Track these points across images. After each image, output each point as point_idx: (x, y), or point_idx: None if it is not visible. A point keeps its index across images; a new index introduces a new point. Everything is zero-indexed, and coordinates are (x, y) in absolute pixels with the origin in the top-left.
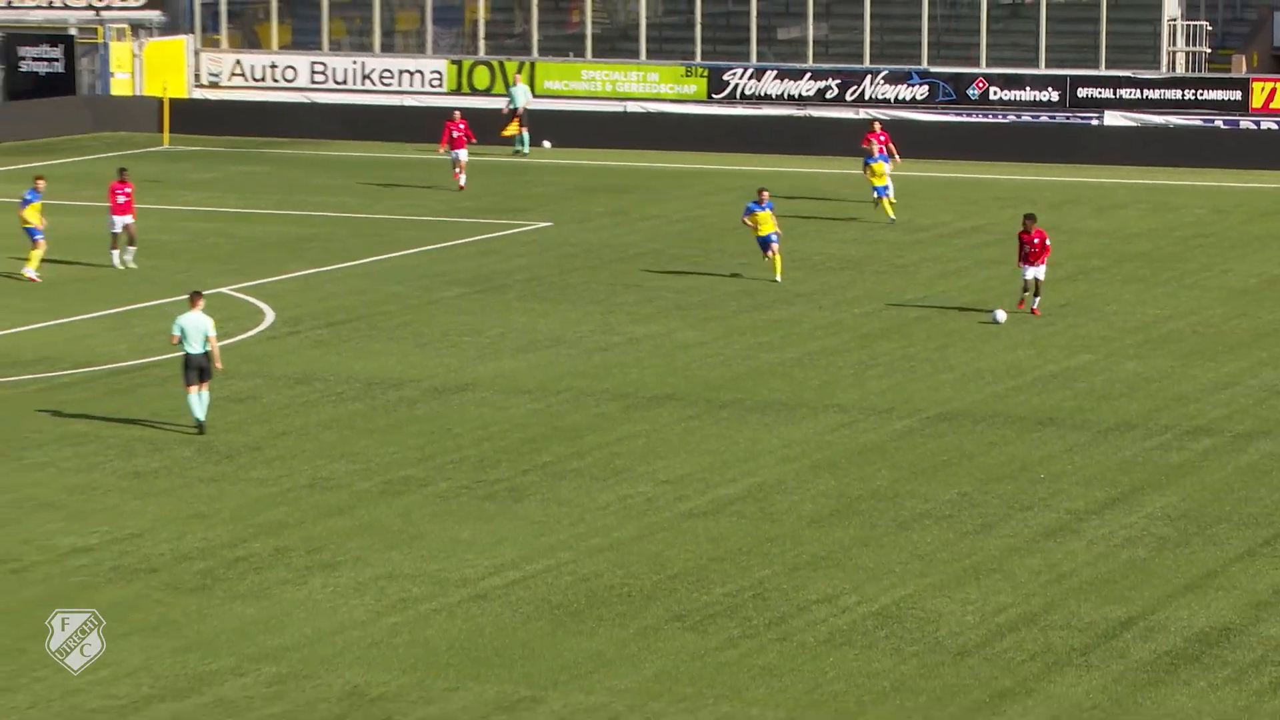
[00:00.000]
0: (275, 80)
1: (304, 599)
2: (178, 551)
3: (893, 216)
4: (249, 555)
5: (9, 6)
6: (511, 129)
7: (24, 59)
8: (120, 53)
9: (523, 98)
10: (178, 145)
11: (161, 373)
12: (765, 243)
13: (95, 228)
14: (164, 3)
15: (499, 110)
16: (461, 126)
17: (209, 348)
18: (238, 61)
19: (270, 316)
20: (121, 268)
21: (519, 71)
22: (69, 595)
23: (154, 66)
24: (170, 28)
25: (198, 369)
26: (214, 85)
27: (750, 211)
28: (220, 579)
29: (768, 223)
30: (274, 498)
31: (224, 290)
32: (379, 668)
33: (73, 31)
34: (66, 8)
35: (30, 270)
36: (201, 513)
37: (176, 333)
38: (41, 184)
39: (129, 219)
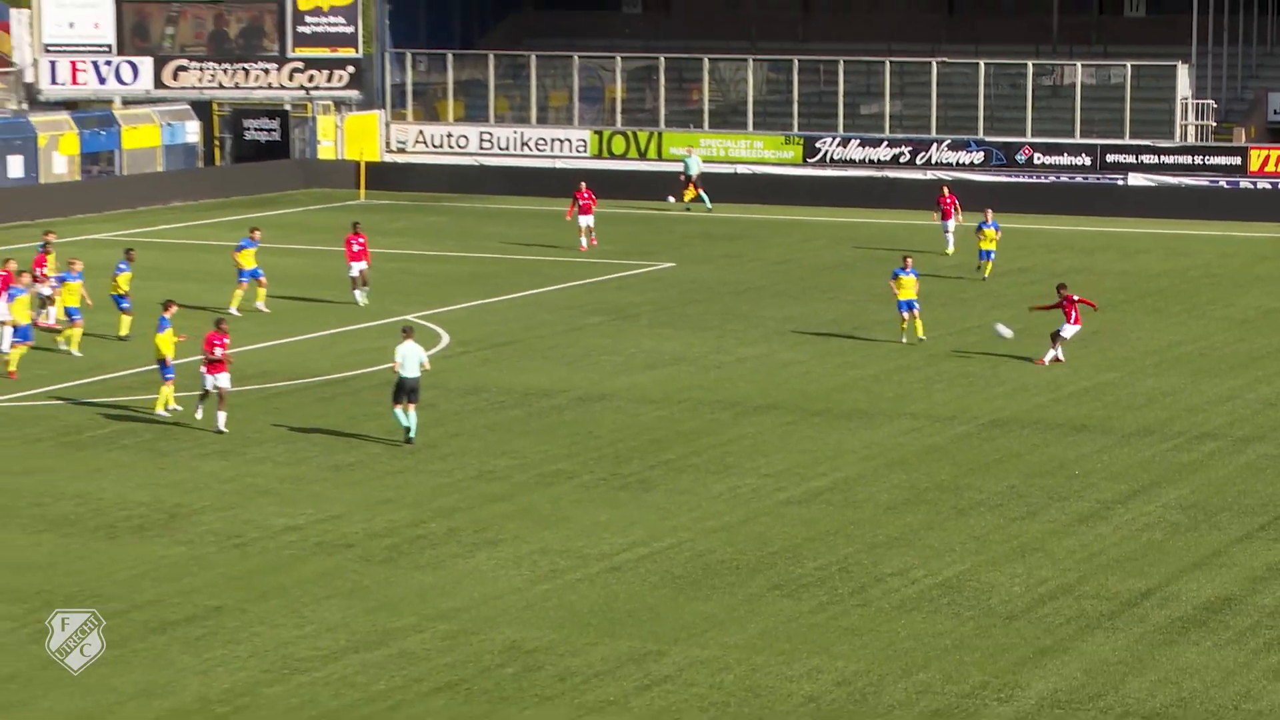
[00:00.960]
0: (451, 147)
1: (472, 569)
2: (369, 530)
3: (985, 276)
4: (427, 534)
5: (237, 87)
6: (689, 194)
7: (248, 129)
8: (325, 124)
9: (695, 165)
10: (372, 200)
11: (357, 385)
12: (907, 306)
13: (308, 267)
14: (361, 84)
15: (638, 172)
16: (587, 194)
17: (420, 372)
18: (420, 132)
19: (446, 339)
20: (362, 304)
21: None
22: (282, 566)
23: (353, 135)
24: (366, 104)
25: (409, 390)
26: (401, 151)
27: (896, 276)
28: (404, 553)
29: (909, 288)
30: (448, 487)
31: (408, 317)
32: (532, 626)
33: (287, 107)
34: (283, 88)
35: (238, 303)
36: (389, 499)
37: (398, 359)
38: (257, 234)
39: (364, 264)
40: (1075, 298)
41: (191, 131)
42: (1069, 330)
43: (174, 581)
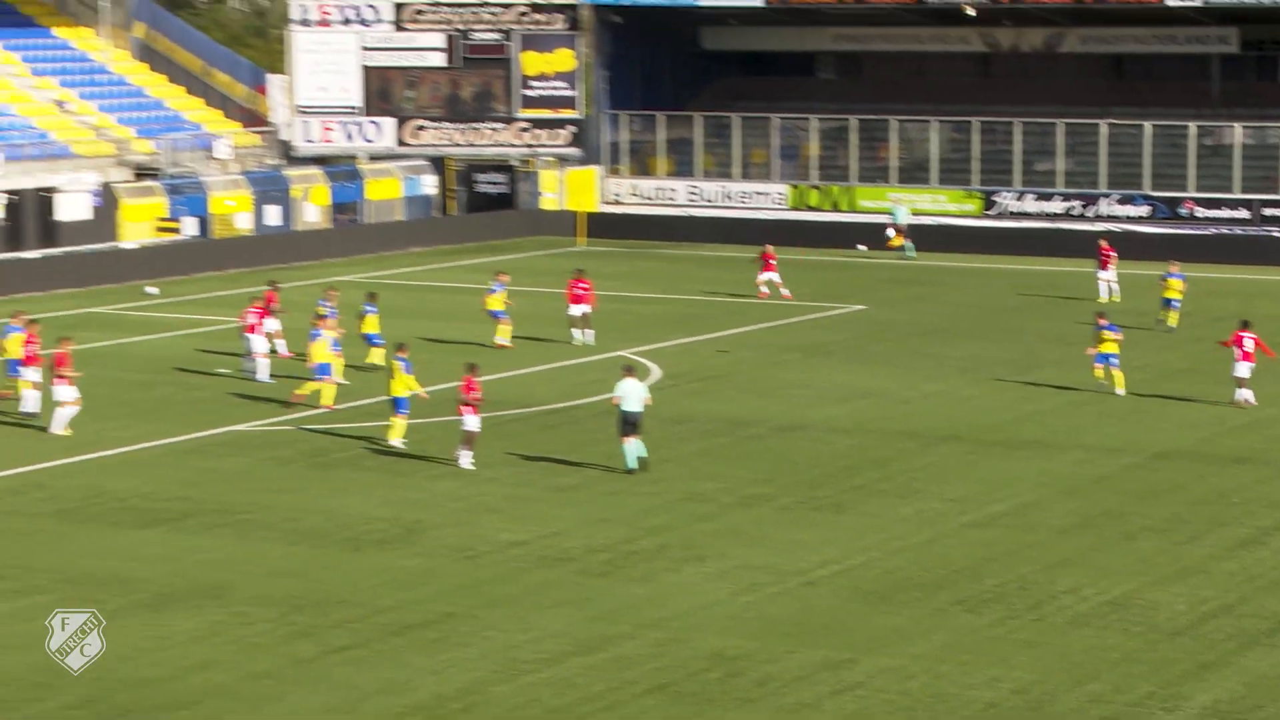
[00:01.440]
0: (661, 199)
1: (680, 583)
2: (588, 546)
3: (1172, 325)
4: (640, 550)
5: (470, 145)
6: (896, 241)
7: (479, 182)
8: (548, 178)
9: (903, 215)
10: (591, 247)
11: (578, 414)
12: (1104, 360)
13: (532, 307)
14: (581, 142)
15: (831, 223)
16: (775, 259)
17: (643, 407)
18: (634, 185)
19: (658, 373)
20: (579, 344)
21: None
22: (509, 576)
23: (573, 188)
24: (585, 160)
25: (632, 424)
26: (616, 202)
27: (1097, 331)
28: (619, 567)
29: (1110, 343)
30: (658, 507)
31: (623, 352)
32: (735, 635)
33: (515, 163)
34: (511, 145)
35: (503, 339)
36: (606, 518)
37: (618, 395)
38: (505, 278)
39: (586, 308)
40: (1251, 337)
41: (429, 184)
42: (1241, 369)
43: (411, 590)
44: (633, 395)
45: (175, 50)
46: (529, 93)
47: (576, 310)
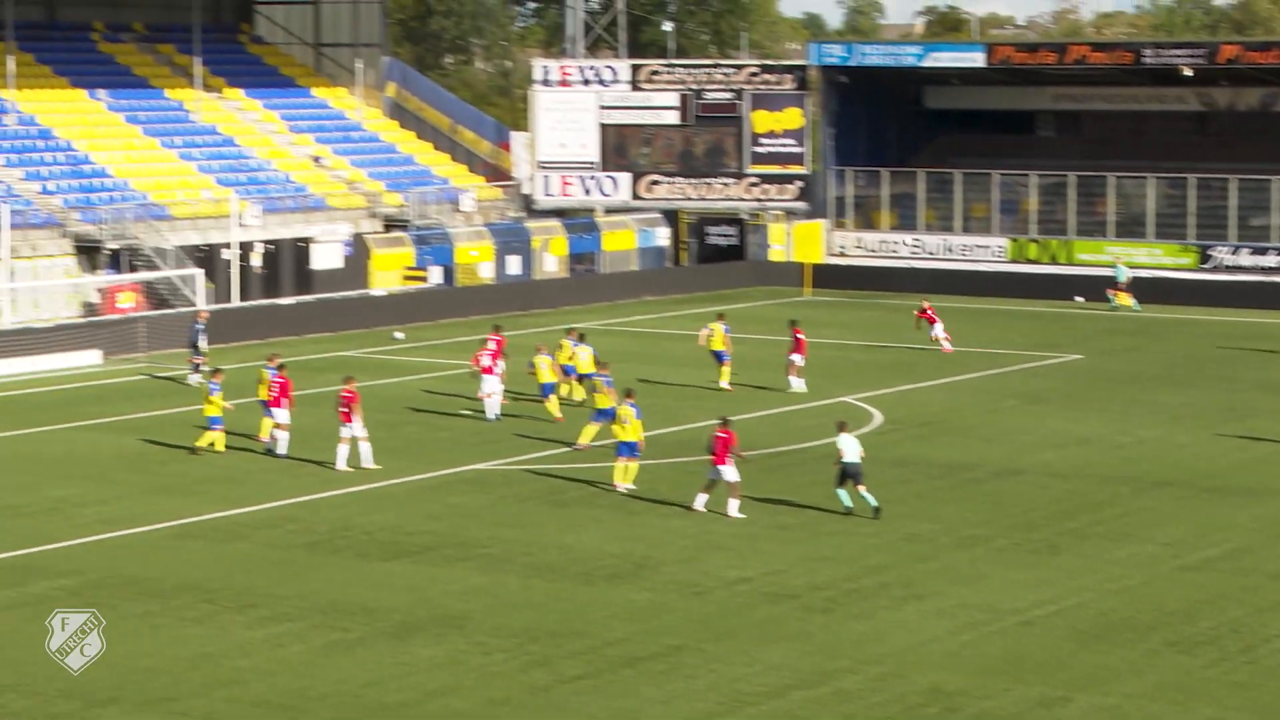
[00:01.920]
0: (884, 251)
1: (899, 620)
2: (810, 583)
3: None
4: (860, 588)
5: (701, 198)
6: (1123, 299)
7: (710, 234)
8: (776, 231)
9: (1124, 273)
10: (816, 296)
11: (800, 457)
12: None
13: (759, 353)
14: (808, 196)
15: (1050, 275)
16: (930, 310)
17: (860, 459)
18: (858, 238)
19: (879, 418)
20: (795, 391)
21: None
22: (734, 611)
23: (800, 241)
24: (811, 214)
25: (852, 474)
26: (841, 254)
27: None
28: (840, 604)
29: None
30: (879, 547)
31: (846, 399)
32: (952, 671)
33: (744, 216)
34: (740, 199)
35: (725, 383)
36: (827, 556)
37: (840, 447)
38: (723, 322)
39: (800, 357)
40: None
41: (662, 236)
42: None
43: (641, 622)
44: (850, 448)
45: (424, 109)
46: (759, 149)
47: (797, 359)
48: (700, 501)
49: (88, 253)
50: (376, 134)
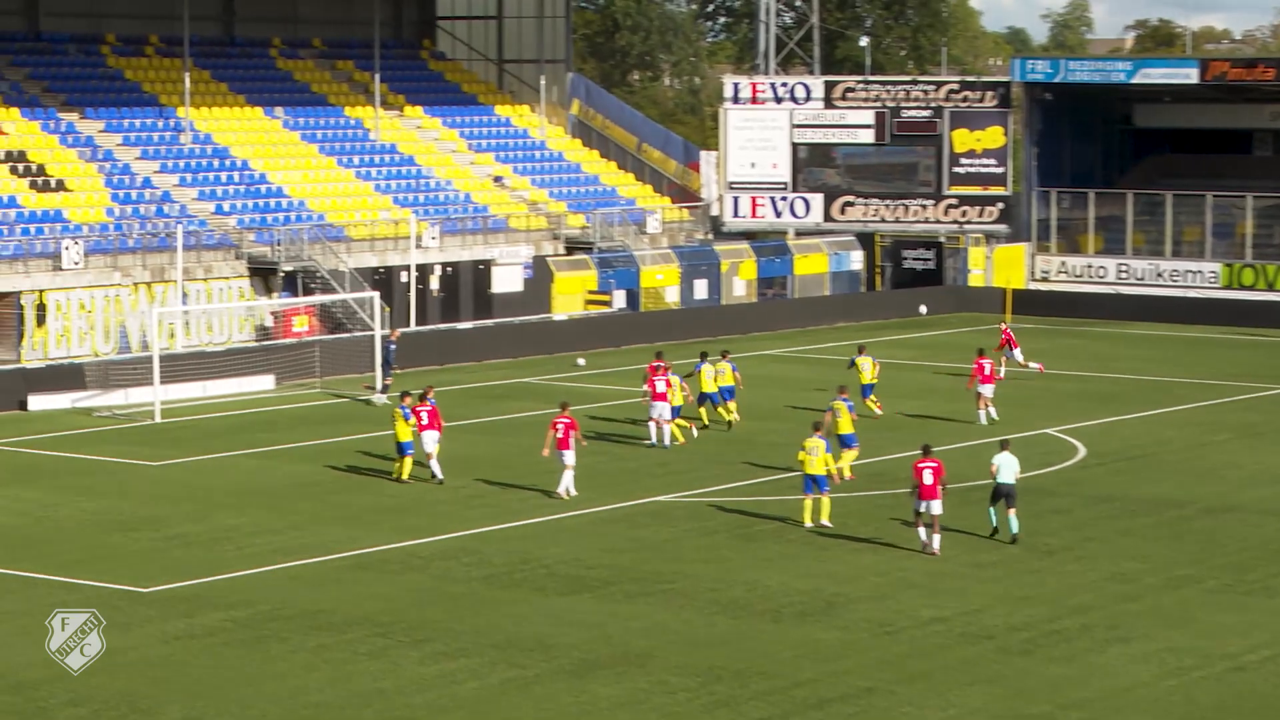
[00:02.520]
0: (1090, 276)
1: (1103, 664)
2: (1008, 623)
3: None
4: (1061, 629)
5: (897, 221)
6: None
7: (906, 258)
8: (975, 255)
9: None
10: (1016, 324)
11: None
12: None
13: (957, 383)
14: (1009, 218)
15: (1266, 302)
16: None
17: (1015, 480)
18: (1063, 262)
19: (1082, 451)
20: (986, 423)
21: None
22: (928, 652)
23: (1000, 265)
24: (1012, 237)
25: (1005, 494)
26: (1044, 279)
27: None
28: (1039, 645)
29: None
30: (1081, 586)
31: (1048, 430)
32: (1159, 717)
33: (942, 239)
34: (938, 222)
35: (877, 410)
36: (1026, 595)
37: (995, 465)
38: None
39: (990, 388)
40: None
41: (856, 260)
42: None
43: (830, 663)
44: (1008, 467)
45: (609, 127)
46: (958, 169)
47: (985, 390)
48: (933, 541)
49: (262, 275)
50: (560, 153)
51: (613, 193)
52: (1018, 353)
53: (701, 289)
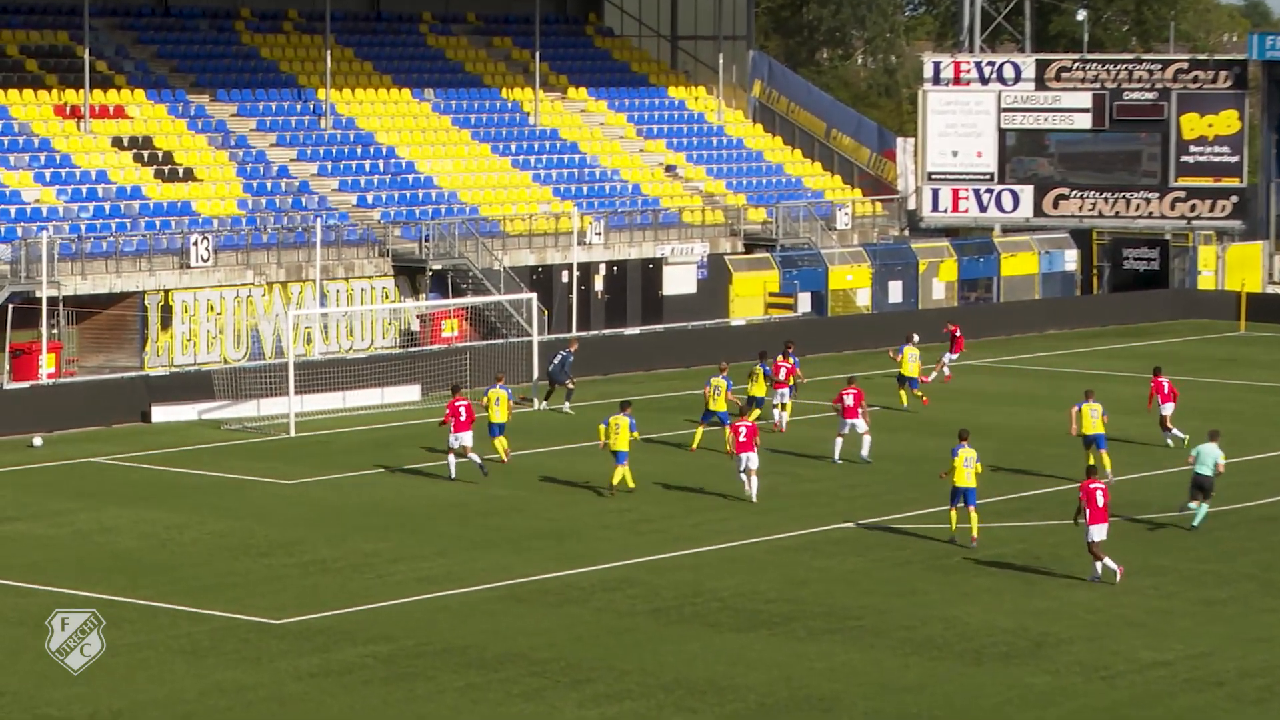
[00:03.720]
0: None
1: None
2: (1241, 669)
3: None
4: None
5: (1117, 216)
6: None
7: (1127, 258)
8: (1206, 254)
9: None
10: (1250, 332)
11: (1232, 520)
12: None
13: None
14: (1244, 213)
15: None
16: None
17: (1216, 471)
18: None
19: None
20: (1173, 446)
21: None
22: (1150, 700)
23: (1234, 266)
24: (1248, 234)
25: (1201, 487)
26: None
27: None
28: (1277, 694)
29: None
30: None
31: None
32: None
33: (1167, 236)
34: (1163, 217)
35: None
36: (1262, 637)
37: (1194, 454)
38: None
39: (1170, 407)
40: None
41: (1070, 260)
42: None
43: (1038, 710)
44: (1208, 458)
45: (795, 110)
46: (1186, 159)
47: (1167, 409)
48: (1106, 569)
49: (409, 274)
50: (739, 139)
51: (798, 184)
52: (949, 357)
53: (896, 291)
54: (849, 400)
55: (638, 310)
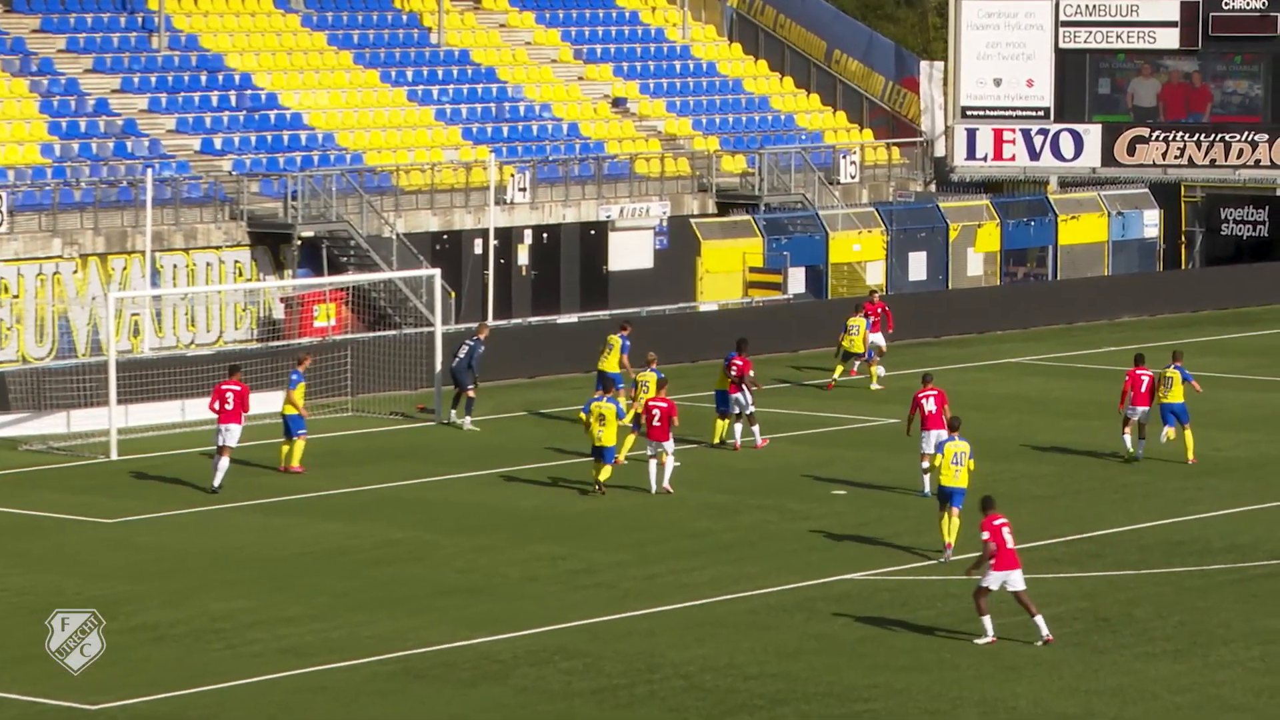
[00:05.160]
0: None
1: None
2: None
3: None
4: None
5: (1213, 164)
6: None
7: (1226, 221)
8: None
9: None
10: None
11: None
12: None
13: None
14: None
15: None
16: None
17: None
18: None
19: None
20: (1125, 459)
21: None
22: None
23: None
24: None
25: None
26: None
27: None
28: None
29: None
30: None
31: None
32: None
33: (1278, 192)
34: (1273, 166)
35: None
36: None
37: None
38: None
39: (1144, 410)
40: None
41: (1150, 223)
42: None
43: None
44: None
45: (786, 24)
46: None
47: (1138, 414)
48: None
49: (270, 243)
50: (711, 64)
51: (789, 122)
52: (877, 336)
53: (919, 266)
54: (929, 405)
55: (575, 291)
